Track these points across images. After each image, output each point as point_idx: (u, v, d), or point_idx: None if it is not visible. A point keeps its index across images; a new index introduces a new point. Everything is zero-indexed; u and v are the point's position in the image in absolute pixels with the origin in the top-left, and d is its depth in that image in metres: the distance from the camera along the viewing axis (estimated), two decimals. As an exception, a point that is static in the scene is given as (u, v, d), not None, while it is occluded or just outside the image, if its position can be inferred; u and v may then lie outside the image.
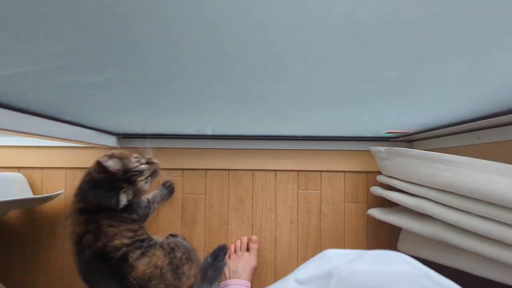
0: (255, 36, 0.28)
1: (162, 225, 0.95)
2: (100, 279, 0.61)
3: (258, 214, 0.96)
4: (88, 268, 0.62)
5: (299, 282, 0.36)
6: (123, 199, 0.62)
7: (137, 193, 0.65)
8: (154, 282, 0.60)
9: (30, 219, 0.95)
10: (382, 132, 0.83)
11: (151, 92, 0.44)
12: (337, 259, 0.37)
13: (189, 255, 0.67)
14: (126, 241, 0.63)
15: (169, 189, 0.93)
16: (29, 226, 0.95)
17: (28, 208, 0.95)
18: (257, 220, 0.96)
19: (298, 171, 0.97)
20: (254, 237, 0.94)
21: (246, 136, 0.94)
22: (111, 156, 0.63)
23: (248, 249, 0.92)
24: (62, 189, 0.95)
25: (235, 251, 0.92)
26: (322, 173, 0.97)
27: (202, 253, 0.94)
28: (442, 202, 0.58)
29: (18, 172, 0.94)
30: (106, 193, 0.62)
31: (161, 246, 0.66)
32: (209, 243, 0.95)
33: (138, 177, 0.64)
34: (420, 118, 0.63)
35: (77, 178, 0.95)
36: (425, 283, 0.30)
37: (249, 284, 0.85)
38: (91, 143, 0.79)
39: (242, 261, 0.88)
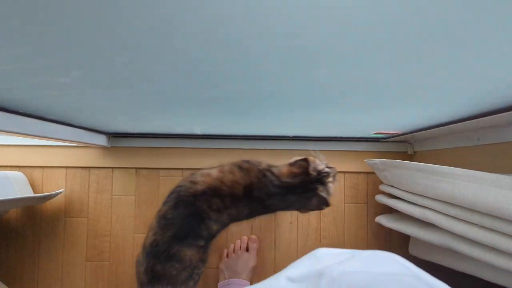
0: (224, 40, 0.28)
1: (161, 225, 0.95)
2: (182, 221, 0.63)
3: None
4: (194, 204, 0.63)
5: (290, 279, 0.37)
6: (326, 196, 0.63)
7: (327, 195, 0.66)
8: (176, 265, 0.62)
9: (30, 218, 0.95)
10: (370, 133, 0.84)
11: (124, 92, 0.44)
12: (329, 259, 0.38)
13: (197, 279, 0.68)
14: (213, 231, 0.65)
15: None
16: (29, 225, 0.95)
17: (29, 206, 0.95)
18: (256, 220, 0.96)
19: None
20: (254, 237, 0.94)
21: (246, 136, 0.94)
22: (297, 161, 0.64)
23: (247, 249, 0.92)
24: (63, 187, 0.95)
25: (234, 250, 0.92)
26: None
27: (202, 252, 0.94)
28: (446, 213, 0.58)
29: (19, 170, 0.94)
30: (301, 196, 0.64)
31: (206, 248, 0.68)
32: (209, 242, 0.95)
33: (328, 178, 0.65)
34: (408, 119, 0.63)
35: (77, 177, 0.95)
36: (414, 284, 0.30)
37: (248, 283, 0.85)
38: (80, 142, 0.78)
39: (242, 260, 0.88)
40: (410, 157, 0.97)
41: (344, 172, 0.97)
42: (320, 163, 0.66)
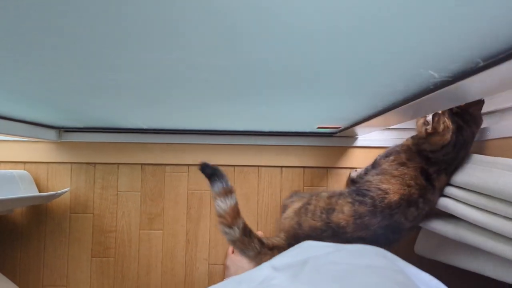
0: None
1: (166, 221, 0.95)
2: (379, 230, 0.62)
3: (264, 210, 0.96)
4: (392, 217, 0.62)
5: (274, 268, 0.37)
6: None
7: None
8: None
9: (35, 214, 0.95)
10: (314, 127, 0.83)
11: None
12: (315, 250, 0.37)
13: None
14: (403, 235, 0.65)
15: None
16: (35, 221, 0.95)
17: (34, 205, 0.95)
18: (262, 216, 0.96)
19: (304, 167, 0.97)
20: (260, 233, 0.93)
21: (252, 131, 0.93)
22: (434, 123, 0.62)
23: (253, 245, 0.92)
24: (68, 183, 0.95)
25: (240, 247, 0.92)
26: (328, 169, 0.97)
27: (207, 250, 0.94)
28: (468, 203, 0.57)
29: (24, 167, 0.94)
30: (468, 128, 0.64)
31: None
32: (214, 240, 0.95)
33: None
34: (345, 112, 0.63)
35: (82, 173, 0.95)
36: (398, 278, 0.29)
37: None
38: (28, 137, 0.77)
39: (248, 257, 0.88)
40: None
41: (350, 168, 0.96)
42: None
